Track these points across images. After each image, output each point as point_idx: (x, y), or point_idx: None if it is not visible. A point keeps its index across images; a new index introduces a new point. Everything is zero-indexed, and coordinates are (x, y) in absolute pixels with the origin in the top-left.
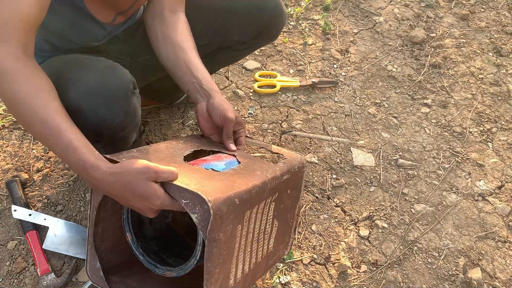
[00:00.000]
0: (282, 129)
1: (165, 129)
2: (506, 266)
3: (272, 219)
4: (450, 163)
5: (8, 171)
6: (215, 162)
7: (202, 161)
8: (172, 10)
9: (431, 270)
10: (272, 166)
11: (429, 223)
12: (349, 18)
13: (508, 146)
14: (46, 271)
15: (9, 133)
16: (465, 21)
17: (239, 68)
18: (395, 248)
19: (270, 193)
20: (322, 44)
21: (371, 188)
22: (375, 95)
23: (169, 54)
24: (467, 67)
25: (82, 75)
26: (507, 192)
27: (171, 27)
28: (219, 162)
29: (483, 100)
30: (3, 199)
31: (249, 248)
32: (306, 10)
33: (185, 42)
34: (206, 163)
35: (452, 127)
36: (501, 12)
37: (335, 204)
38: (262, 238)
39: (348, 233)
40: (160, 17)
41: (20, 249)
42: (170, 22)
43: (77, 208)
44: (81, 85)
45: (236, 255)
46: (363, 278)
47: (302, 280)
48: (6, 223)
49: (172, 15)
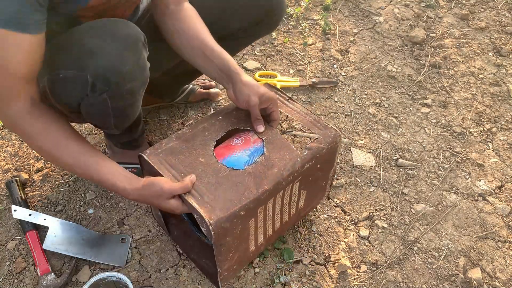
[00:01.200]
0: (282, 129)
1: (165, 129)
2: (506, 266)
3: (298, 191)
4: (450, 163)
5: (8, 171)
6: (240, 153)
7: (229, 149)
8: (176, 2)
9: (431, 270)
10: (294, 156)
11: (429, 223)
12: (349, 18)
13: (508, 146)
14: (46, 271)
15: (9, 133)
16: (465, 21)
17: None
18: (395, 248)
19: (288, 183)
20: (322, 44)
21: (371, 188)
22: (375, 95)
23: (186, 46)
24: (467, 67)
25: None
26: (507, 192)
27: (180, 19)
28: (244, 152)
29: (483, 100)
30: (3, 199)
31: (270, 221)
32: (306, 10)
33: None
34: (231, 154)
35: (452, 127)
36: (501, 12)
37: (335, 204)
38: (287, 208)
39: (348, 233)
40: (167, 12)
41: (20, 249)
42: (178, 14)
43: (77, 208)
44: (94, 34)
45: (254, 233)
46: (363, 278)
47: (302, 280)
48: (6, 223)
49: (177, 6)
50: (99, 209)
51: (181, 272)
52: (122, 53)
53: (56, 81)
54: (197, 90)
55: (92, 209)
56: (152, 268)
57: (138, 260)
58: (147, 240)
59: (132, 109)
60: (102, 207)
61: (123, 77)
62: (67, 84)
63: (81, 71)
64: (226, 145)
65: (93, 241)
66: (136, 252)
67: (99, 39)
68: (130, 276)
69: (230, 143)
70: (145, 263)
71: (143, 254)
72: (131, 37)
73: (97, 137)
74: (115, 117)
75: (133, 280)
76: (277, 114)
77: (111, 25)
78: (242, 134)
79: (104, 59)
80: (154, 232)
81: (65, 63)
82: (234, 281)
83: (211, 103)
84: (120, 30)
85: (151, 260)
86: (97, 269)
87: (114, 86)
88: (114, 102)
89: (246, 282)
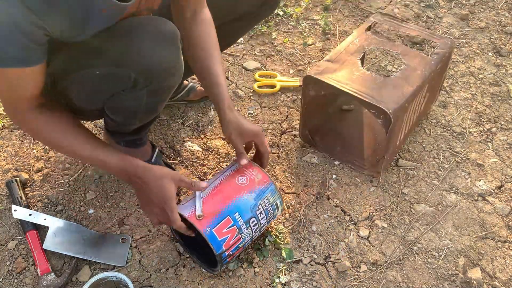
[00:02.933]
0: (282, 129)
1: (165, 129)
2: (505, 266)
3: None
4: (450, 163)
5: (8, 171)
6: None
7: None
8: (193, 10)
9: (431, 270)
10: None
11: (429, 223)
12: (349, 18)
13: (508, 146)
14: (46, 271)
15: (9, 133)
16: (465, 21)
17: (239, 68)
18: (395, 248)
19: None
20: (322, 44)
21: (371, 188)
22: None
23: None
24: (467, 67)
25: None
26: (506, 192)
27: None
28: (250, 195)
29: (483, 100)
30: (3, 199)
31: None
32: (306, 10)
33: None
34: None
35: (452, 127)
36: (501, 12)
37: (335, 204)
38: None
39: (348, 233)
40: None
41: (20, 249)
42: (190, 25)
43: (77, 208)
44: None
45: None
46: (363, 278)
47: (302, 280)
48: (6, 223)
49: (194, 16)
50: (99, 209)
51: (181, 272)
52: (165, 50)
53: (89, 79)
54: (197, 88)
55: (93, 209)
56: (152, 268)
57: (138, 260)
58: (147, 240)
59: (162, 104)
60: (102, 207)
61: (165, 73)
62: (103, 81)
63: (123, 68)
64: (232, 184)
65: (93, 241)
66: (136, 252)
67: (142, 37)
68: (130, 276)
69: (236, 182)
70: (145, 263)
71: (143, 253)
72: (171, 34)
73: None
74: (144, 112)
75: (133, 280)
76: (264, 147)
77: (150, 22)
78: (246, 172)
79: (147, 55)
80: (154, 232)
81: (102, 61)
82: (234, 280)
83: (211, 103)
84: (159, 27)
85: (151, 260)
86: (98, 269)
87: (155, 82)
88: (150, 97)
89: (246, 282)
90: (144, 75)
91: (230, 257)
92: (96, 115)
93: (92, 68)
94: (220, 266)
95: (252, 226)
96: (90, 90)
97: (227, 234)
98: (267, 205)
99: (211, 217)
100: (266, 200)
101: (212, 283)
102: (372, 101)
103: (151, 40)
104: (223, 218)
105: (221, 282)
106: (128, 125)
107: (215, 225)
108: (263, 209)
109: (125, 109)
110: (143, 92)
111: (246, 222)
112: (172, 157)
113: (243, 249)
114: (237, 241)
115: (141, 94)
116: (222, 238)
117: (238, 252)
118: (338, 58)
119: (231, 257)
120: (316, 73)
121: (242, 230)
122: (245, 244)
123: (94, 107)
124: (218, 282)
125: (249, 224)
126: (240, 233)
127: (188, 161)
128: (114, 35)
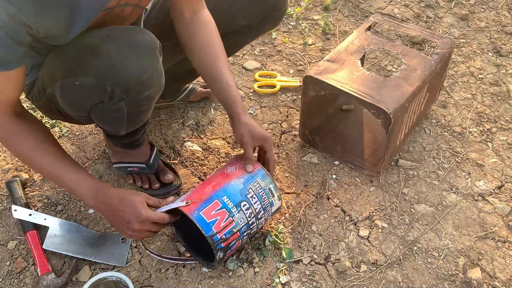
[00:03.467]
0: (282, 129)
1: (165, 129)
2: (505, 266)
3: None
4: (450, 163)
5: (8, 171)
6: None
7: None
8: (192, 12)
9: (431, 270)
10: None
11: (429, 223)
12: (349, 18)
13: (508, 146)
14: (46, 271)
15: None
16: (465, 21)
17: (239, 68)
18: (395, 248)
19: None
20: (322, 44)
21: (371, 188)
22: None
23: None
24: (467, 67)
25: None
26: (506, 192)
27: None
28: (238, 180)
29: (483, 100)
30: (3, 199)
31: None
32: (306, 10)
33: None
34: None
35: (452, 127)
36: (501, 12)
37: (335, 204)
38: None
39: (348, 233)
40: (182, 20)
41: (20, 249)
42: (192, 26)
43: (77, 208)
44: (113, 42)
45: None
46: (363, 278)
47: (302, 280)
48: (6, 223)
49: (193, 17)
50: None
51: (181, 272)
52: (140, 62)
53: (70, 88)
54: (197, 89)
55: (92, 209)
56: (152, 268)
57: (138, 260)
58: (147, 239)
59: (145, 114)
60: None
61: (142, 85)
62: (82, 91)
63: (99, 80)
64: (221, 174)
65: (94, 241)
66: (137, 252)
67: (117, 48)
68: (130, 276)
69: (225, 171)
70: (145, 263)
71: (144, 253)
72: (149, 45)
73: (97, 137)
74: (128, 122)
75: (133, 279)
76: (271, 155)
77: (128, 32)
78: (235, 163)
79: (123, 68)
80: None
81: (81, 71)
82: (234, 280)
83: (211, 103)
84: (137, 38)
85: (151, 260)
86: (98, 269)
87: (132, 94)
88: (130, 109)
89: (246, 281)
90: (120, 87)
91: (224, 241)
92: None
93: (73, 78)
94: (215, 250)
95: (245, 210)
96: (73, 99)
97: (216, 216)
98: (259, 189)
99: (198, 202)
100: (256, 185)
101: (212, 283)
102: (372, 101)
103: (126, 52)
104: (211, 202)
105: (221, 282)
106: (117, 132)
107: (202, 208)
108: (255, 193)
109: (109, 119)
110: (122, 104)
111: (236, 205)
112: (172, 157)
113: (240, 236)
114: (229, 224)
115: (120, 105)
116: (211, 220)
117: (234, 238)
118: (338, 58)
119: (226, 242)
120: (316, 73)
121: (233, 213)
122: (240, 229)
123: (81, 114)
124: (218, 282)
125: (240, 207)
126: (231, 216)
127: (188, 161)
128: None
